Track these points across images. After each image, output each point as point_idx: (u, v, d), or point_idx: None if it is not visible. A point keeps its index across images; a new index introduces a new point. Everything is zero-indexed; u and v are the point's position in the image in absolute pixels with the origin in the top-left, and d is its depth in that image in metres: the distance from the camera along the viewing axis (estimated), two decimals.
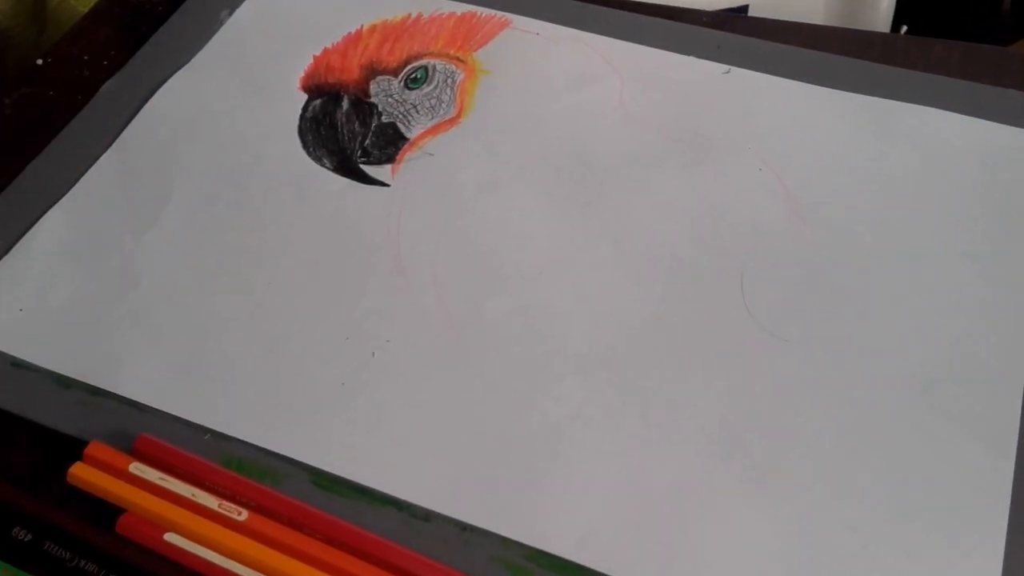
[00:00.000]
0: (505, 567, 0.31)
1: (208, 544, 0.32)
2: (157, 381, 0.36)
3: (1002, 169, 0.40)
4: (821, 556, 0.31)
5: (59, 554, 0.31)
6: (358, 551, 0.31)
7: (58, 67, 0.49)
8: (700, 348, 0.36)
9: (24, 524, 0.32)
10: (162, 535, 0.32)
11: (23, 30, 0.55)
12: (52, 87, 0.47)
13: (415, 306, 0.38)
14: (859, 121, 0.42)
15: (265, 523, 0.32)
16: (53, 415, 0.35)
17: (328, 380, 0.36)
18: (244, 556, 0.31)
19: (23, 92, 0.47)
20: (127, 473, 0.33)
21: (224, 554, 0.31)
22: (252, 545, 0.32)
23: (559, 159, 0.42)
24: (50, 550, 0.31)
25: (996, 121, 0.42)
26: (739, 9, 0.61)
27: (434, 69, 0.46)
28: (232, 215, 0.41)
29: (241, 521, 0.32)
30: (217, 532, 0.32)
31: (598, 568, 0.31)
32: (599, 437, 0.34)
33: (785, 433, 0.34)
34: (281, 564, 0.31)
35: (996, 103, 0.43)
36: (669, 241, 0.39)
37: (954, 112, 0.42)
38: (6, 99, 0.47)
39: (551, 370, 0.36)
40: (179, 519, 0.32)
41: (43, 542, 0.32)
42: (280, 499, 0.33)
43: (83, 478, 0.33)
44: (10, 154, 0.44)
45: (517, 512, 0.32)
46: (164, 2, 0.51)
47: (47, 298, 0.39)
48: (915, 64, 0.45)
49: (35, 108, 0.47)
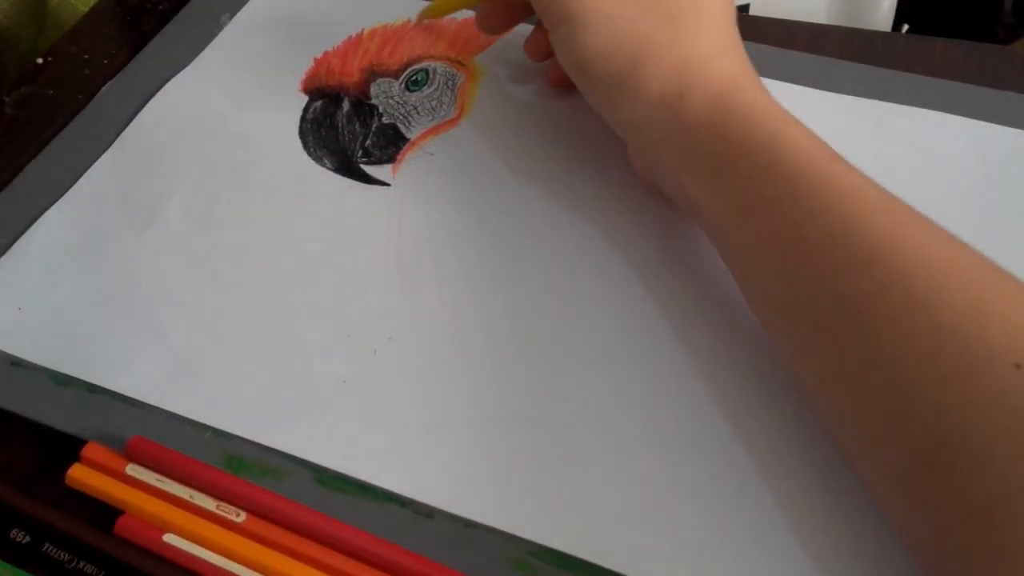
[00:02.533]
0: (510, 564, 0.31)
1: (207, 545, 0.31)
2: (157, 379, 0.36)
3: (1001, 170, 0.40)
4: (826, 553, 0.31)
5: (58, 556, 0.31)
6: (357, 552, 0.31)
7: (58, 66, 0.49)
8: (703, 346, 0.36)
9: (22, 526, 0.32)
10: (161, 536, 0.31)
11: (23, 29, 0.55)
12: (52, 86, 0.47)
13: (416, 304, 0.38)
14: (857, 124, 0.42)
15: (263, 524, 0.32)
16: (52, 414, 0.35)
17: (329, 378, 0.36)
18: (243, 557, 0.31)
19: (23, 91, 0.47)
20: (124, 474, 0.33)
21: (223, 555, 0.31)
22: (251, 546, 0.31)
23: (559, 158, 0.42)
24: (49, 552, 0.31)
25: (995, 123, 0.42)
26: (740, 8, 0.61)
27: (435, 72, 0.46)
28: (233, 214, 0.41)
29: (239, 522, 0.32)
30: (216, 533, 0.32)
31: (603, 563, 0.31)
32: (603, 432, 0.34)
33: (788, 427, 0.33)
34: (280, 565, 0.31)
35: (995, 105, 0.43)
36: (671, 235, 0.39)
37: (952, 114, 0.42)
38: (6, 98, 0.47)
39: (554, 366, 0.35)
40: (177, 520, 0.32)
41: (42, 543, 0.31)
42: (275, 499, 0.32)
43: (82, 480, 0.33)
44: (10, 153, 0.44)
45: (521, 508, 0.32)
46: (165, 1, 0.51)
47: (46, 297, 0.38)
48: (916, 64, 0.44)
49: (35, 107, 0.47)
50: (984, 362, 0.27)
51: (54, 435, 0.35)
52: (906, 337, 0.28)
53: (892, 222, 0.30)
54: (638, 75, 0.36)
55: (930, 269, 0.28)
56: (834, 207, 0.31)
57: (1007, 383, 0.26)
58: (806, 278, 0.31)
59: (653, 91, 0.36)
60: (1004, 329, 0.27)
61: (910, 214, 0.31)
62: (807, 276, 0.31)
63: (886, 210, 0.31)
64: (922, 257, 0.29)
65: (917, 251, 0.29)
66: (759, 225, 0.33)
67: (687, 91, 0.35)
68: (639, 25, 0.36)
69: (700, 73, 0.35)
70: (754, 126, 0.33)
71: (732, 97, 0.34)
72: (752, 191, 0.33)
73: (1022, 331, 0.27)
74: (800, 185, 0.32)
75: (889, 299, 0.29)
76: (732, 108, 0.34)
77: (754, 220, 0.33)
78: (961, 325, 0.27)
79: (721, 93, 0.35)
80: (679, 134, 0.35)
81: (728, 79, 0.35)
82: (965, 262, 0.29)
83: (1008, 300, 0.28)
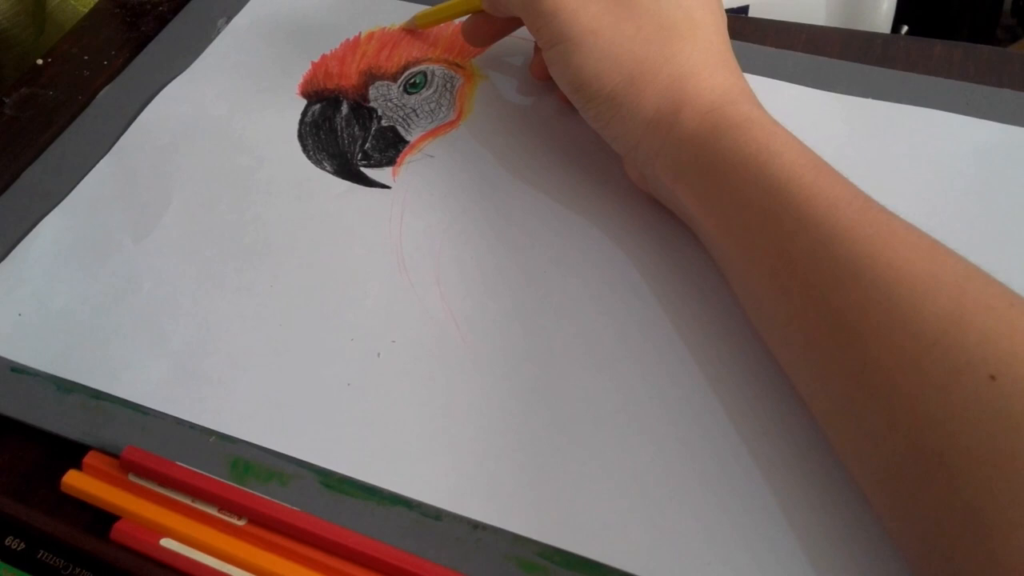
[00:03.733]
0: (518, 565, 0.31)
1: (205, 549, 0.31)
2: (160, 384, 0.36)
3: (1000, 167, 0.41)
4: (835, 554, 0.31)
5: (53, 562, 0.31)
6: (359, 556, 0.31)
7: (58, 67, 0.49)
8: (709, 347, 0.36)
9: (17, 533, 0.32)
10: (157, 541, 0.31)
11: (22, 30, 0.54)
12: (52, 87, 0.47)
13: (419, 306, 0.38)
14: (856, 123, 0.42)
15: (265, 528, 0.32)
16: (54, 420, 0.35)
17: (334, 381, 0.36)
18: (242, 561, 0.31)
19: (23, 92, 0.47)
20: (125, 481, 0.33)
21: (221, 559, 0.31)
22: (250, 550, 0.31)
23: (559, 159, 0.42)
24: (44, 558, 0.31)
25: (993, 120, 0.42)
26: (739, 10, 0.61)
27: (433, 74, 0.46)
28: (233, 218, 0.41)
29: (241, 526, 0.32)
30: (214, 537, 0.32)
31: (611, 563, 0.31)
32: (609, 432, 0.34)
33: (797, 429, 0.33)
34: (280, 569, 0.31)
35: (992, 102, 0.43)
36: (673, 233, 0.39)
37: (951, 112, 0.43)
38: (6, 99, 0.47)
39: (559, 366, 0.35)
40: (177, 526, 0.32)
41: (36, 551, 0.31)
42: (275, 507, 0.32)
43: (76, 487, 0.33)
44: (10, 154, 0.44)
45: (529, 509, 0.32)
46: (165, 2, 0.51)
47: (46, 302, 0.38)
48: (916, 65, 0.45)
49: (35, 108, 0.47)
50: (963, 372, 0.27)
51: (49, 440, 0.35)
52: (889, 349, 0.28)
53: (875, 234, 0.30)
54: (633, 93, 0.36)
55: (912, 281, 0.29)
56: (817, 222, 0.31)
57: (982, 394, 0.26)
58: (793, 290, 0.31)
59: (648, 108, 0.36)
60: (981, 340, 0.27)
61: (894, 224, 0.31)
62: (794, 288, 0.31)
63: (870, 222, 0.31)
64: (904, 269, 0.29)
65: (899, 263, 0.29)
66: (749, 238, 0.33)
67: (680, 106, 0.35)
68: (633, 45, 0.36)
69: (693, 88, 0.35)
70: (742, 139, 0.34)
71: (723, 111, 0.35)
72: (740, 205, 0.33)
73: (999, 341, 0.27)
74: (785, 199, 0.32)
75: (873, 311, 0.29)
76: (722, 122, 0.34)
77: (744, 233, 0.33)
78: (942, 335, 0.28)
79: (713, 107, 0.35)
80: (672, 148, 0.35)
81: (720, 93, 0.35)
82: (947, 271, 0.29)
83: (987, 310, 0.28)
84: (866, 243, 0.30)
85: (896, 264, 0.29)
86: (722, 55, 0.37)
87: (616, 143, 0.38)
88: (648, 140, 0.36)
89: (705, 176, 0.34)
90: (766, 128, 0.34)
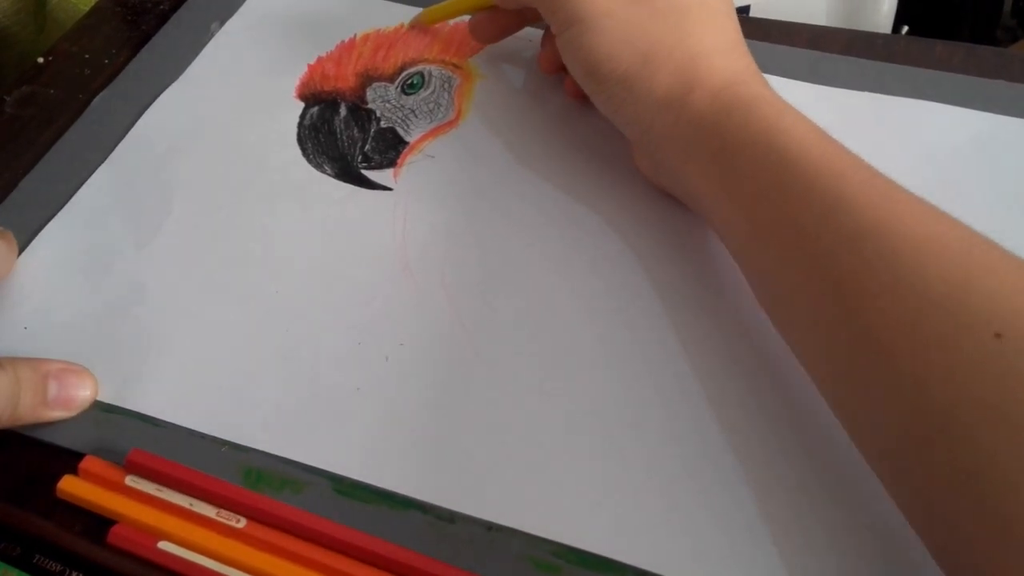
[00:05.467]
0: (533, 565, 0.31)
1: (203, 551, 0.31)
2: (169, 394, 0.36)
3: (1001, 159, 0.41)
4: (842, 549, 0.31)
5: (50, 567, 0.31)
6: (372, 556, 0.31)
7: (58, 66, 0.49)
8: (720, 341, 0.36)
9: (13, 538, 0.32)
10: (155, 544, 0.31)
11: (23, 28, 0.54)
12: (52, 86, 0.47)
13: (426, 308, 0.38)
14: (856, 116, 0.42)
15: (264, 529, 0.32)
16: (64, 434, 0.35)
17: (343, 386, 0.35)
18: (240, 562, 0.31)
19: (23, 91, 0.47)
20: (122, 485, 0.33)
21: (219, 560, 0.31)
22: (249, 551, 0.31)
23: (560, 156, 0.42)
24: (40, 563, 0.31)
25: (994, 112, 0.42)
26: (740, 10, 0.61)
27: (430, 75, 0.46)
28: (236, 225, 0.41)
29: (240, 528, 0.32)
30: (211, 539, 0.32)
31: (626, 561, 0.31)
32: (622, 430, 0.34)
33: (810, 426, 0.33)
34: (280, 570, 0.31)
35: (993, 94, 0.43)
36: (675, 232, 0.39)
37: (951, 105, 0.43)
38: (6, 97, 0.47)
39: (568, 365, 0.36)
40: (174, 529, 0.32)
41: (33, 555, 0.31)
42: (277, 506, 0.32)
43: (73, 492, 0.33)
44: (10, 152, 0.44)
45: (542, 508, 0.32)
46: (165, 0, 0.51)
47: (51, 315, 0.38)
48: (916, 65, 0.45)
49: (35, 107, 0.46)
50: (964, 329, 0.27)
51: (45, 446, 0.34)
52: (894, 310, 0.28)
53: (880, 201, 0.31)
54: (646, 74, 0.36)
55: (917, 245, 0.29)
56: (824, 192, 0.31)
57: (986, 351, 0.26)
58: (801, 261, 0.32)
59: (660, 89, 0.36)
60: (986, 299, 0.27)
61: (899, 193, 0.31)
62: (801, 259, 0.32)
63: (875, 189, 0.31)
64: (909, 234, 0.29)
65: (904, 228, 0.30)
66: (758, 214, 0.33)
67: (692, 87, 0.36)
68: (647, 26, 0.37)
69: (705, 69, 0.36)
70: (753, 117, 0.34)
71: (733, 91, 0.35)
72: (751, 180, 0.34)
73: (1005, 300, 0.27)
74: (795, 170, 0.32)
75: (876, 276, 0.29)
76: (733, 101, 0.35)
77: (754, 209, 0.34)
78: (945, 297, 0.28)
79: (724, 87, 0.35)
80: (683, 129, 0.36)
81: (731, 74, 0.36)
82: (952, 237, 0.29)
83: (992, 271, 0.28)
84: (872, 210, 0.30)
85: (900, 230, 0.29)
86: (733, 37, 0.37)
87: (628, 128, 0.39)
88: (660, 122, 0.37)
89: (716, 155, 0.35)
90: (776, 106, 0.35)
